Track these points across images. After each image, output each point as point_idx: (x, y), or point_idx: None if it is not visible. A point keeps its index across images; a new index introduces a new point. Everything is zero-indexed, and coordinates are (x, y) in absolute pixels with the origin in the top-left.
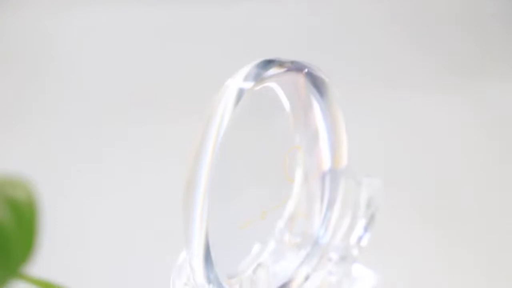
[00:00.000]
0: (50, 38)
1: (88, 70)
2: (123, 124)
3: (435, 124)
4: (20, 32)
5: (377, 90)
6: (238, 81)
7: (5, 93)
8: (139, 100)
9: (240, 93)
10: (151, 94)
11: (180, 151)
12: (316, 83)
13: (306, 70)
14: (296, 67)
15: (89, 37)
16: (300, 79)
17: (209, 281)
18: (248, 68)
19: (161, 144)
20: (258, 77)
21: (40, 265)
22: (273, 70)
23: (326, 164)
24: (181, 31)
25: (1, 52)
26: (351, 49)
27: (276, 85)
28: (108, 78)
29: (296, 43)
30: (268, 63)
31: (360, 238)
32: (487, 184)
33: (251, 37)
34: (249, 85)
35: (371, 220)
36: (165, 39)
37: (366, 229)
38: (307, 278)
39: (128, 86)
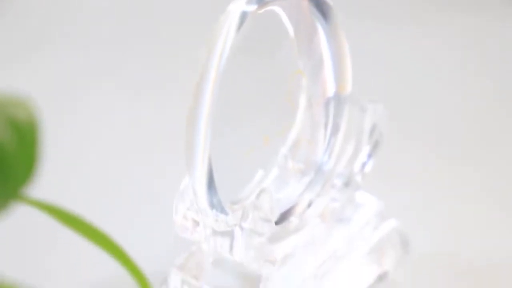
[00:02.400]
0: None
1: None
2: (127, 49)
3: (437, 51)
4: None
5: (378, 18)
6: (240, 4)
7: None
8: (142, 26)
9: (243, 16)
10: (154, 19)
11: (184, 77)
12: (320, 7)
13: None
14: None
15: None
16: (304, 3)
17: (212, 206)
18: None
19: (164, 69)
20: (261, 0)
21: (41, 187)
22: None
23: (330, 90)
24: None
25: None
26: None
27: (280, 9)
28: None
29: None
30: None
31: (363, 165)
32: (487, 109)
33: None
34: (252, 8)
35: (375, 146)
36: None
37: (370, 155)
38: (310, 204)
39: (131, 12)
